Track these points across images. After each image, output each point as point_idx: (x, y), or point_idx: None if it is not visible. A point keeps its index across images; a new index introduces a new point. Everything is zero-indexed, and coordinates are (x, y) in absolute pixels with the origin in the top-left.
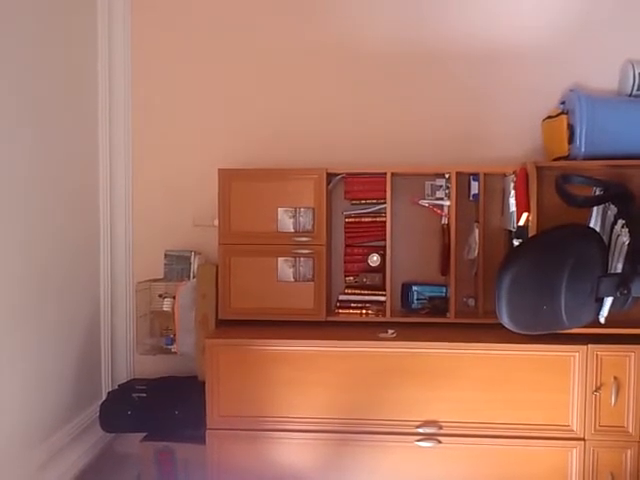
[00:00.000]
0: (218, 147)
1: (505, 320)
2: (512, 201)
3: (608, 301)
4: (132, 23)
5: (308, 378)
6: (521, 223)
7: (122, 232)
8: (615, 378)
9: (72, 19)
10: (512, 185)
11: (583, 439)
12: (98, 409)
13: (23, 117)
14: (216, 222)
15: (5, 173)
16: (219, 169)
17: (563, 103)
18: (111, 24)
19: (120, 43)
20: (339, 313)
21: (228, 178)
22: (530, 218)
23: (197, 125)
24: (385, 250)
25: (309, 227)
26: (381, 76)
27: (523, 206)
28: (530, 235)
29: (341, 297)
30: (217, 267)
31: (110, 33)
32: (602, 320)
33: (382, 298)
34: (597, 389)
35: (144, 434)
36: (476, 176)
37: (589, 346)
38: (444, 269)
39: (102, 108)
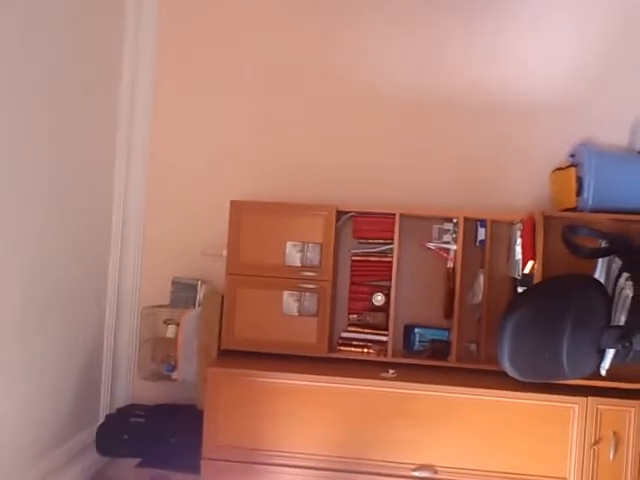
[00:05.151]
0: (231, 179)
1: (506, 366)
2: (518, 249)
3: (610, 353)
4: (156, 54)
5: (307, 413)
6: (526, 271)
7: (132, 256)
8: (614, 433)
9: (97, 43)
10: (519, 233)
11: None
12: (95, 432)
13: (40, 136)
14: (225, 252)
15: (19, 191)
16: (231, 200)
17: (573, 156)
18: (136, 53)
19: (142, 72)
20: (341, 350)
21: (239, 210)
22: (536, 266)
23: (212, 156)
24: (390, 290)
25: (316, 262)
26: (395, 119)
27: (529, 254)
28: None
29: (343, 334)
30: (222, 297)
31: (134, 61)
32: (603, 372)
33: (384, 338)
34: (596, 442)
35: (139, 460)
36: (483, 222)
37: (589, 398)
38: (447, 313)
39: (121, 135)
